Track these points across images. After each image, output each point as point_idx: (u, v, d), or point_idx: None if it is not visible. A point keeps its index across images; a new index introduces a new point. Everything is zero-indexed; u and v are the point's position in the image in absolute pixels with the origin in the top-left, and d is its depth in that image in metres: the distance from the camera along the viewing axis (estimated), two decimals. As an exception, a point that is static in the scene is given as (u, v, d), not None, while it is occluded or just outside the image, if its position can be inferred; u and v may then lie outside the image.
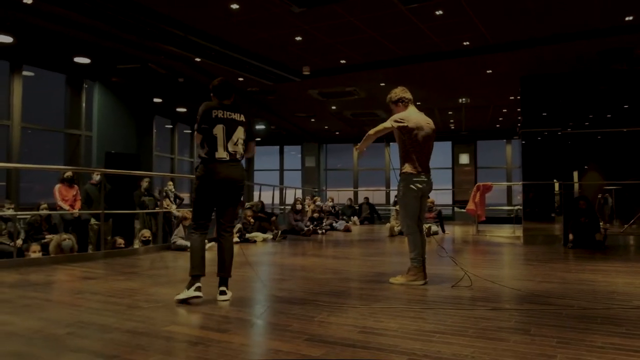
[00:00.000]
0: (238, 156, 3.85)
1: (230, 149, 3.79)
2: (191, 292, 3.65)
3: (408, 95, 4.64)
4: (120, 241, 7.33)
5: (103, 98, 10.98)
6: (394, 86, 4.77)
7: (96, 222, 8.20)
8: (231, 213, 3.93)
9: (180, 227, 7.41)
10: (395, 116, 4.50)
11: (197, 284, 3.69)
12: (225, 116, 3.81)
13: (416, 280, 4.44)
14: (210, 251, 4.20)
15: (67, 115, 10.79)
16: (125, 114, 11.44)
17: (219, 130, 3.77)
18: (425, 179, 4.50)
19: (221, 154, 3.77)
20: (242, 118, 3.89)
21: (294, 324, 3.09)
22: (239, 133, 3.84)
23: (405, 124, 4.43)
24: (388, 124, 4.46)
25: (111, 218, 8.59)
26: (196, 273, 3.73)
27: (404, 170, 4.48)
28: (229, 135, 3.79)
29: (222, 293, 3.79)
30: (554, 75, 9.72)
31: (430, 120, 4.66)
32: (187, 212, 7.80)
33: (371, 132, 4.46)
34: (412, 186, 4.45)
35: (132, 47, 8.92)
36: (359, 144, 4.61)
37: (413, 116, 4.52)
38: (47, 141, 10.91)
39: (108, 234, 7.94)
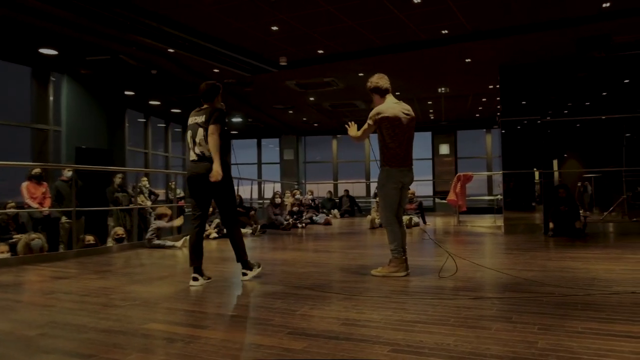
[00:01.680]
0: (207, 154, 4.27)
1: (197, 150, 4.32)
2: (190, 282, 4.25)
3: (383, 83, 4.63)
4: (89, 238, 7.20)
5: (72, 91, 10.77)
6: (370, 75, 4.78)
7: (67, 220, 8.07)
8: (222, 208, 4.43)
9: (156, 224, 7.32)
10: (372, 112, 4.53)
11: (193, 275, 4.27)
12: (191, 122, 4.38)
13: (398, 272, 4.50)
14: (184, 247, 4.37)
15: (34, 109, 10.56)
16: (95, 107, 11.24)
17: (188, 136, 4.41)
18: (406, 171, 4.55)
19: (192, 156, 4.38)
20: (202, 119, 4.29)
21: (275, 318, 3.10)
22: (200, 135, 4.29)
23: (382, 117, 4.47)
24: (367, 124, 4.55)
25: (83, 215, 8.46)
26: (190, 264, 4.31)
27: (383, 163, 4.53)
28: (193, 139, 4.33)
29: (243, 274, 4.44)
30: (532, 64, 9.87)
31: (409, 108, 4.67)
32: (165, 209, 7.72)
33: (358, 135, 4.58)
34: (392, 178, 4.49)
35: (102, 38, 8.75)
36: (351, 126, 4.66)
37: (390, 109, 4.53)
38: (12, 137, 10.66)
39: (80, 232, 7.82)
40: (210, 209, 8.83)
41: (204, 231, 4.49)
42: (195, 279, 4.25)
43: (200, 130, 4.26)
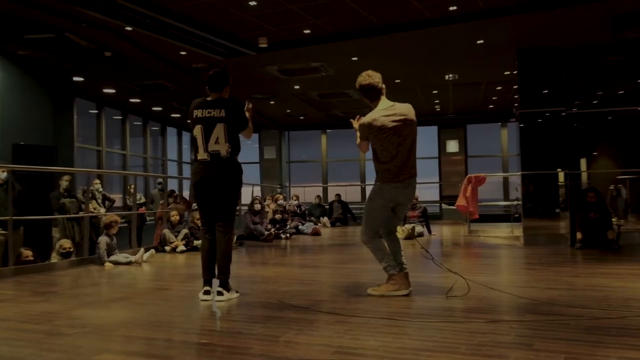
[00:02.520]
0: (223, 154, 4.42)
1: (210, 149, 4.42)
2: (200, 296, 4.45)
3: (371, 82, 4.49)
4: (27, 253, 7.09)
5: (7, 76, 10.65)
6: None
7: (2, 232, 7.97)
8: (223, 212, 4.51)
9: (105, 238, 7.22)
10: (361, 124, 4.52)
11: (205, 287, 4.46)
12: (203, 115, 4.45)
13: (399, 290, 4.51)
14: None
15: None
16: (37, 96, 11.13)
17: (197, 131, 4.46)
18: (401, 189, 4.49)
19: (202, 155, 4.46)
20: (222, 114, 4.42)
21: (254, 346, 3.09)
22: (219, 131, 4.40)
23: (367, 132, 4.48)
24: (358, 138, 4.60)
25: (22, 226, 8.36)
26: (203, 277, 4.51)
27: (376, 177, 4.58)
28: (207, 135, 4.41)
29: (218, 293, 4.46)
30: (556, 46, 9.95)
31: (404, 112, 4.49)
32: (112, 216, 7.62)
33: (359, 146, 4.67)
34: (383, 195, 4.50)
35: (44, 12, 8.66)
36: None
37: (374, 121, 4.44)
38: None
39: (18, 246, 7.73)
40: (178, 217, 8.85)
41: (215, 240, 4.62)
42: (207, 292, 4.44)
43: (220, 127, 4.40)
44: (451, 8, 8.75)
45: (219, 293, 4.46)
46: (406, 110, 4.53)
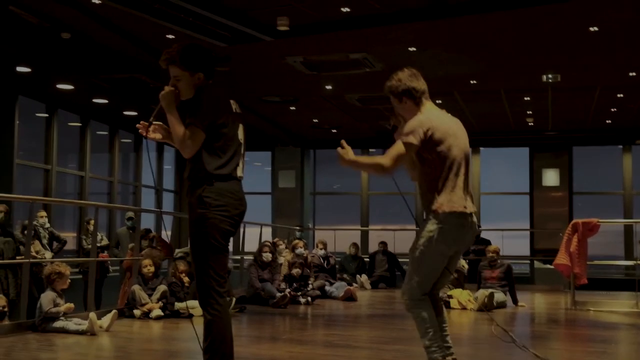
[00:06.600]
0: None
1: (242, 165, 4.30)
2: None
3: (419, 84, 4.71)
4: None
5: None
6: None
7: None
8: (226, 261, 4.39)
9: (50, 294, 7.24)
10: (413, 125, 4.55)
11: None
12: (236, 110, 4.28)
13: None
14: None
15: None
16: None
17: (240, 132, 4.27)
18: (469, 226, 4.59)
19: (241, 171, 4.24)
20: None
21: None
22: (243, 136, 4.33)
23: (430, 134, 4.50)
24: (405, 144, 4.49)
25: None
26: None
27: (436, 208, 4.52)
28: (240, 143, 4.28)
29: None
30: None
31: (458, 121, 4.79)
32: (62, 266, 7.61)
33: (384, 163, 4.52)
34: (446, 235, 4.50)
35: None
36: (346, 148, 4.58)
37: (439, 119, 4.60)
38: None
39: None
40: (152, 268, 8.87)
41: None
42: None
43: (242, 130, 4.34)
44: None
45: None
46: (457, 119, 4.79)
